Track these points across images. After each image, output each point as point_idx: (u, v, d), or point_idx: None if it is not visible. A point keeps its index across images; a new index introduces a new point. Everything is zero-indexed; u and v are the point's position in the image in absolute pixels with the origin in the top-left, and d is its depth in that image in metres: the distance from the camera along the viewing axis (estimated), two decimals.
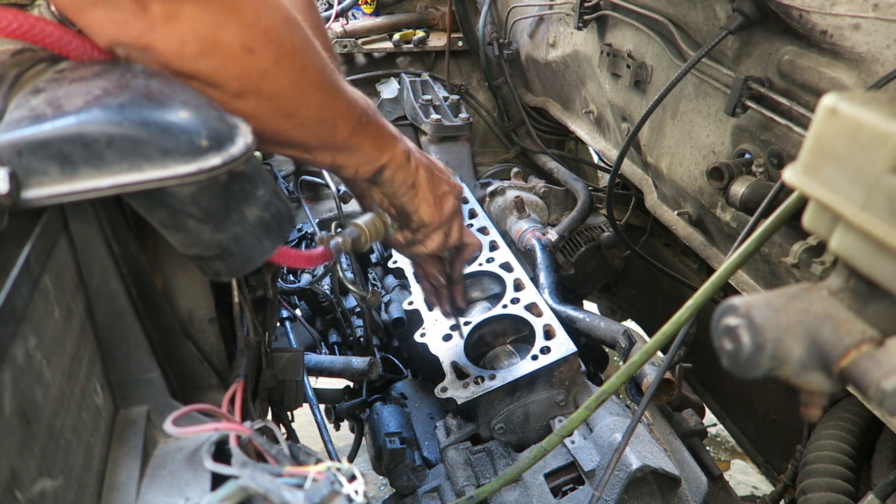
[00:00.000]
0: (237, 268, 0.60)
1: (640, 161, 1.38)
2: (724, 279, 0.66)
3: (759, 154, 0.96)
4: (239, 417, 0.69)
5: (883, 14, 0.74)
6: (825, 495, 0.99)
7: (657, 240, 1.84)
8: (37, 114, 0.49)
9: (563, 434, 0.87)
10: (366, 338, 1.57)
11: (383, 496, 1.29)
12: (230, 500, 0.53)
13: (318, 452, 0.63)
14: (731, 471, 2.57)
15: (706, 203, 1.13)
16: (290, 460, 0.60)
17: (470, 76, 2.11)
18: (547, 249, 1.53)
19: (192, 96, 0.56)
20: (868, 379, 0.41)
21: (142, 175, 0.51)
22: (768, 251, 1.00)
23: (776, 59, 0.92)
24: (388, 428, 1.33)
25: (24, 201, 0.48)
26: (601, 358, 1.70)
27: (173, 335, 0.70)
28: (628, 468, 0.98)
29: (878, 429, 1.07)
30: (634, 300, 1.98)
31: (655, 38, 1.20)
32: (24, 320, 0.49)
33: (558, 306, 1.31)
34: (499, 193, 1.76)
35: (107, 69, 0.56)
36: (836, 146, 0.45)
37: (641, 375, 1.10)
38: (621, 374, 0.79)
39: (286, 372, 1.06)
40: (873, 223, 0.42)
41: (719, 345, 0.47)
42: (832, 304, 0.46)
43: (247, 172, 0.57)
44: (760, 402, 1.50)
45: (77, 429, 0.56)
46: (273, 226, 0.60)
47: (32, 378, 0.50)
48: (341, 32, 2.05)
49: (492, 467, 1.15)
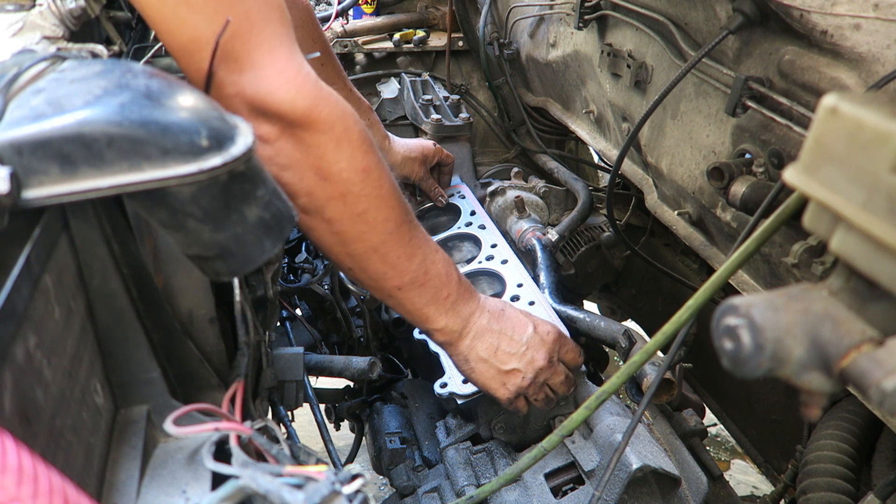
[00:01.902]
0: (237, 268, 0.60)
1: (641, 161, 1.38)
2: (725, 279, 0.66)
3: (760, 154, 0.96)
4: (239, 417, 0.69)
5: (883, 14, 0.74)
6: (825, 495, 0.99)
7: (657, 240, 1.84)
8: (37, 114, 0.49)
9: (563, 434, 0.87)
10: (366, 338, 1.57)
11: (383, 496, 1.29)
12: (230, 499, 0.53)
13: (318, 452, 0.63)
14: (731, 471, 2.57)
15: (706, 203, 1.13)
16: (291, 460, 0.60)
17: (470, 76, 2.11)
18: (547, 249, 1.53)
19: (193, 96, 0.56)
20: (868, 379, 0.41)
21: (142, 175, 0.51)
22: (768, 251, 1.00)
23: (776, 59, 0.92)
24: (389, 427, 1.33)
25: (25, 201, 0.48)
26: (601, 358, 1.70)
27: (173, 335, 0.70)
28: (628, 468, 0.98)
29: (878, 429, 1.07)
30: (634, 300, 1.98)
31: (656, 38, 1.20)
32: (25, 320, 0.49)
33: (558, 306, 1.31)
34: (499, 193, 1.76)
35: (107, 69, 0.56)
36: (836, 146, 0.45)
37: (641, 375, 1.10)
38: (621, 374, 0.79)
39: (286, 372, 1.06)
40: (873, 223, 0.42)
41: (719, 345, 0.47)
42: (832, 304, 0.46)
43: (247, 172, 0.57)
44: (760, 402, 1.49)
45: (77, 428, 0.56)
46: (273, 226, 0.60)
47: (33, 378, 0.50)
48: (341, 32, 2.05)
49: (492, 467, 1.15)
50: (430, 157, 1.59)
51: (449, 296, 0.95)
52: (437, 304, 0.94)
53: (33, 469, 0.38)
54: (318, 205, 0.82)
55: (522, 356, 1.01)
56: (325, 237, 0.85)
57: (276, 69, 0.75)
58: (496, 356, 0.99)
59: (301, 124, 0.77)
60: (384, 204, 0.85)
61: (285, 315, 1.57)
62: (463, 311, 0.97)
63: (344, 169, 0.80)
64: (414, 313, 0.95)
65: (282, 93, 0.75)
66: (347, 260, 0.88)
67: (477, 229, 1.56)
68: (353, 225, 0.84)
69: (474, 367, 1.00)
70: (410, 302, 0.93)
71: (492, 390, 1.02)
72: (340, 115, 0.80)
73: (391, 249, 0.87)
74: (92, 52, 0.72)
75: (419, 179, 1.60)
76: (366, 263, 0.88)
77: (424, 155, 1.58)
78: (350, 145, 0.81)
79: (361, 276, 0.90)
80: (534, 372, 1.01)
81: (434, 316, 0.95)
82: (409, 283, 0.90)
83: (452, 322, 0.96)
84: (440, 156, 1.62)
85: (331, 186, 0.81)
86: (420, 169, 1.58)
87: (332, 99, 0.80)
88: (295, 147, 0.78)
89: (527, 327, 1.03)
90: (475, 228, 1.56)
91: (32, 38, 0.77)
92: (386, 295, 0.92)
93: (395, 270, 0.89)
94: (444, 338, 0.98)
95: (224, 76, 0.74)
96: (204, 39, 0.71)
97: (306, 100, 0.77)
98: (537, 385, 1.03)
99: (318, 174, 0.80)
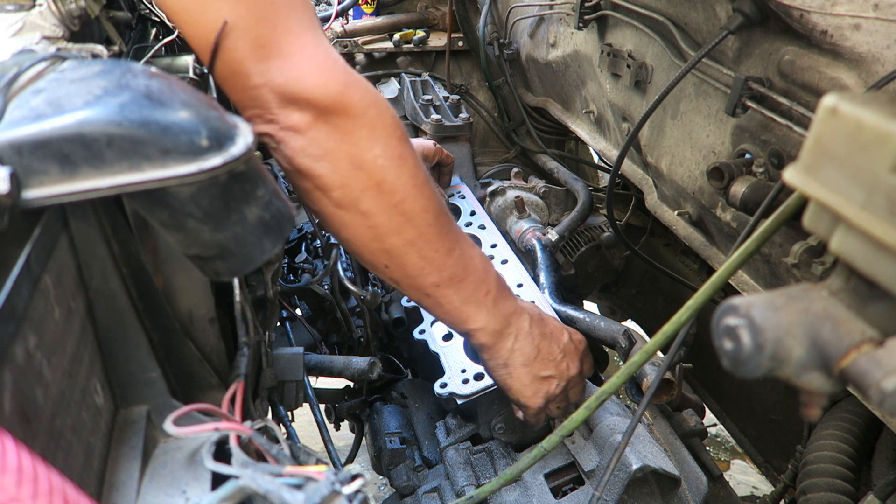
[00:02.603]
0: (237, 268, 0.60)
1: (640, 161, 1.38)
2: (725, 279, 0.66)
3: (760, 154, 0.96)
4: (239, 417, 0.69)
5: (883, 14, 0.74)
6: (825, 495, 0.99)
7: (657, 240, 1.84)
8: (37, 114, 0.49)
9: (563, 434, 0.87)
10: (366, 338, 1.57)
11: (383, 496, 1.29)
12: (230, 499, 0.53)
13: (318, 452, 0.63)
14: (731, 471, 2.56)
15: (706, 203, 1.13)
16: (291, 460, 0.60)
17: (470, 76, 2.11)
18: (547, 249, 1.53)
19: (193, 96, 0.56)
20: (868, 379, 0.41)
21: (142, 175, 0.51)
22: (768, 251, 1.00)
23: (776, 60, 0.92)
24: (389, 428, 1.33)
25: (25, 201, 0.48)
26: (601, 358, 1.70)
27: (173, 335, 0.70)
28: (628, 468, 0.98)
29: (878, 429, 1.07)
30: (634, 300, 1.98)
31: (656, 38, 1.20)
32: (25, 320, 0.49)
33: (558, 306, 1.31)
34: (499, 193, 1.76)
35: (107, 69, 0.56)
36: (836, 146, 0.45)
37: (641, 375, 1.10)
38: (621, 374, 0.79)
39: (286, 372, 1.06)
40: (873, 223, 0.42)
41: (719, 345, 0.47)
42: (832, 305, 0.46)
43: (247, 172, 0.57)
44: (760, 402, 1.49)
45: (77, 428, 0.56)
46: (273, 226, 0.60)
47: (32, 378, 0.50)
48: (341, 32, 2.05)
49: (492, 467, 1.15)
50: (429, 156, 1.59)
51: (489, 292, 0.90)
52: (477, 301, 0.89)
53: (33, 469, 0.38)
54: (352, 197, 0.78)
55: (559, 364, 0.97)
56: (360, 232, 0.81)
57: (304, 55, 0.73)
58: (536, 361, 0.95)
59: (334, 110, 0.74)
60: (421, 194, 0.81)
61: (285, 315, 1.57)
62: (504, 309, 0.92)
63: (379, 156, 0.77)
64: (452, 313, 0.89)
65: (312, 78, 0.72)
66: (383, 257, 0.83)
67: (477, 229, 1.56)
68: (389, 217, 0.79)
69: (512, 372, 0.95)
70: (448, 300, 0.87)
71: (524, 398, 0.97)
72: (373, 99, 0.77)
73: (429, 242, 0.83)
74: (92, 52, 0.72)
75: None
76: (403, 259, 0.83)
77: (424, 154, 1.58)
78: (385, 131, 0.77)
79: (397, 275, 0.85)
80: (566, 381, 0.98)
81: (474, 315, 0.89)
82: (447, 280, 0.85)
83: (493, 321, 0.91)
84: (440, 155, 1.61)
85: (366, 176, 0.77)
86: None
87: (363, 84, 0.77)
88: (328, 135, 0.75)
89: (563, 334, 1.00)
90: (475, 228, 1.56)
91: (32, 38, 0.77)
92: (423, 294, 0.87)
93: (433, 266, 0.84)
94: (484, 339, 0.92)
95: (251, 66, 0.71)
96: (228, 27, 0.69)
97: (338, 84, 0.74)
98: (564, 394, 1.01)
99: (353, 163, 0.76)
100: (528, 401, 0.98)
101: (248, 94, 0.73)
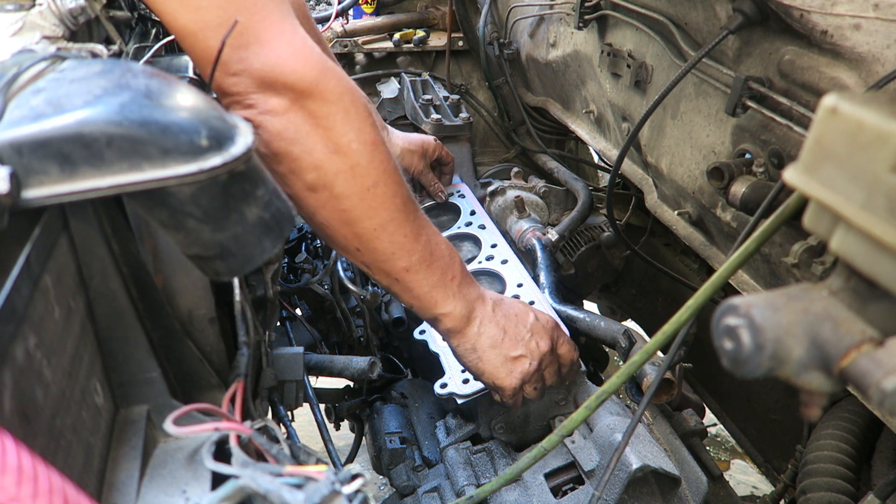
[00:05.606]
0: (237, 268, 0.60)
1: (641, 161, 1.38)
2: (725, 279, 0.66)
3: (760, 154, 0.96)
4: (239, 417, 0.69)
5: (883, 14, 0.74)
6: (825, 495, 0.99)
7: (657, 240, 1.84)
8: (37, 113, 0.49)
9: (563, 434, 0.87)
10: (366, 338, 1.57)
11: (383, 496, 1.29)
12: (230, 499, 0.53)
13: (318, 452, 0.63)
14: (731, 471, 2.57)
15: (706, 203, 1.13)
16: (291, 460, 0.60)
17: (470, 76, 2.11)
18: (547, 249, 1.53)
19: (193, 96, 0.56)
20: (868, 379, 0.41)
21: (142, 175, 0.51)
22: (768, 251, 1.00)
23: (776, 59, 0.92)
24: (389, 427, 1.33)
25: (25, 201, 0.48)
26: (601, 358, 1.70)
27: (173, 335, 0.70)
28: (628, 468, 0.98)
29: (878, 429, 1.07)
30: (634, 300, 1.98)
31: (656, 38, 1.20)
32: (25, 320, 0.49)
33: (558, 306, 1.31)
34: (499, 193, 1.76)
35: (107, 69, 0.56)
36: (836, 146, 0.45)
37: (641, 375, 1.10)
38: (621, 374, 0.79)
39: (286, 372, 1.06)
40: (873, 223, 0.42)
41: (719, 345, 0.47)
42: (832, 304, 0.46)
43: (247, 172, 0.57)
44: (760, 402, 1.49)
45: (77, 428, 0.56)
46: (273, 225, 0.60)
47: (32, 377, 0.50)
48: (341, 32, 2.05)
49: (492, 467, 1.15)
50: (430, 151, 1.59)
51: (454, 278, 0.94)
52: (445, 286, 0.93)
53: (33, 469, 0.38)
54: (326, 180, 0.80)
55: (528, 343, 1.00)
56: (333, 216, 0.83)
57: (282, 41, 0.75)
58: (504, 343, 0.98)
59: (310, 95, 0.77)
60: (391, 179, 0.84)
61: (285, 315, 1.57)
62: (468, 294, 0.96)
63: (353, 140, 0.80)
64: (421, 297, 0.93)
65: (290, 63, 0.75)
66: (354, 240, 0.86)
67: (477, 229, 1.56)
68: (362, 200, 0.82)
69: (482, 356, 0.98)
70: (418, 284, 0.91)
71: (498, 379, 1.00)
72: (348, 87, 0.80)
73: (399, 227, 0.86)
74: (92, 51, 0.72)
75: (419, 173, 1.59)
76: (374, 243, 0.86)
77: (424, 149, 1.58)
78: (358, 117, 0.80)
79: (368, 259, 0.88)
80: (538, 358, 1.01)
81: (442, 300, 0.93)
82: (416, 264, 0.89)
83: (460, 306, 0.95)
84: (440, 151, 1.61)
85: (340, 159, 0.80)
86: (420, 162, 1.58)
87: (338, 71, 0.80)
88: (304, 119, 0.77)
89: (528, 314, 1.03)
90: (475, 228, 1.56)
91: (32, 37, 0.77)
92: (392, 279, 0.90)
93: (402, 250, 0.87)
94: (451, 324, 0.96)
95: (229, 54, 0.73)
96: (208, 17, 0.71)
97: (314, 70, 0.77)
98: (539, 373, 1.03)
99: (328, 146, 0.79)
100: (503, 382, 1.00)
101: (227, 83, 0.76)
